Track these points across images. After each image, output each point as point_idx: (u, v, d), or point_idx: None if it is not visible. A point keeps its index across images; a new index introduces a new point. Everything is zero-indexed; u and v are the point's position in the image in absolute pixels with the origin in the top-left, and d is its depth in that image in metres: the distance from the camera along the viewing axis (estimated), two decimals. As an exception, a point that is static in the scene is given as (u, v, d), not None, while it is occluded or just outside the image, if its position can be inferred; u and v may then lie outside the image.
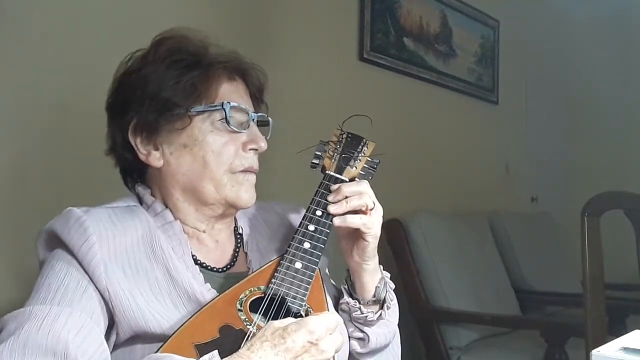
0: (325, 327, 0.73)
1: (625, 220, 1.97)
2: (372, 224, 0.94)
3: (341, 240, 0.99)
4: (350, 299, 1.00)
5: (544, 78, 3.54)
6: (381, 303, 1.00)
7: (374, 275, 0.99)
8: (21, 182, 1.44)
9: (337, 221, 0.93)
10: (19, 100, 1.43)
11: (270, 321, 0.75)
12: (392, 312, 1.03)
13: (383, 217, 0.97)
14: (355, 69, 2.43)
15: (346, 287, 1.02)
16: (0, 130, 1.40)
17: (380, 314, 1.00)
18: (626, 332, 0.84)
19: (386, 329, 1.02)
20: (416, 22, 2.75)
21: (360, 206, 0.94)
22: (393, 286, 1.04)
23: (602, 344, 0.78)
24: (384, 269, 1.04)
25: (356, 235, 0.96)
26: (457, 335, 2.31)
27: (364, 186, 0.95)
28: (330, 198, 0.95)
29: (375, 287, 0.99)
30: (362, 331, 1.00)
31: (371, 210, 0.94)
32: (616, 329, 2.00)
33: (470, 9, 3.09)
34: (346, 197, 0.94)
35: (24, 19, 1.44)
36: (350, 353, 1.02)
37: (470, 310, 2.35)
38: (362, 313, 0.98)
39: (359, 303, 0.99)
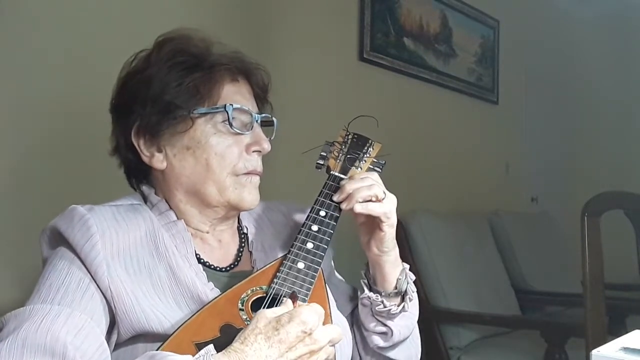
0: (317, 316, 0.73)
1: (625, 220, 1.97)
2: (391, 213, 0.95)
3: (360, 234, 1.00)
4: (371, 293, 1.00)
5: (543, 78, 3.54)
6: (402, 295, 1.01)
7: (395, 267, 1.00)
8: (23, 182, 1.44)
9: (358, 207, 0.93)
10: (20, 101, 1.43)
11: (260, 310, 0.75)
12: (413, 304, 1.03)
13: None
14: (355, 69, 2.43)
15: (365, 281, 1.02)
16: (2, 130, 1.40)
17: (403, 306, 1.00)
18: (626, 332, 0.84)
19: (408, 321, 1.02)
20: (416, 22, 2.75)
21: (370, 197, 0.93)
22: (413, 277, 1.04)
23: (602, 344, 0.78)
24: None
25: (373, 226, 0.96)
26: (457, 335, 2.31)
27: (374, 177, 0.96)
28: (336, 196, 0.95)
29: (397, 279, 1.00)
30: (385, 325, 1.00)
31: (383, 199, 0.94)
32: (616, 329, 2.00)
33: (470, 9, 3.09)
34: (357, 188, 0.94)
35: (25, 20, 1.44)
36: (371, 348, 1.02)
37: (470, 310, 2.35)
38: (385, 306, 0.98)
39: (381, 296, 0.99)
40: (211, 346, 0.73)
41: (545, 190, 3.48)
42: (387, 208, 0.94)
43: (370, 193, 0.93)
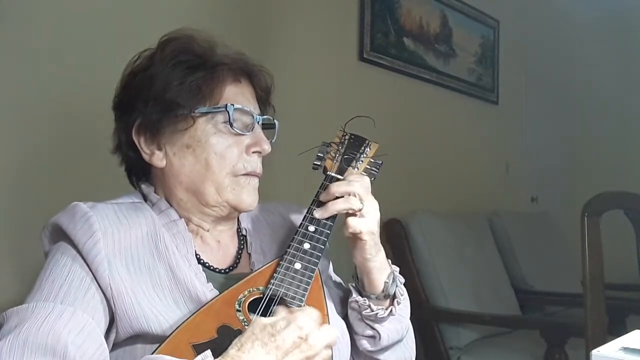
0: (313, 320, 0.73)
1: (625, 220, 1.97)
2: (360, 226, 0.93)
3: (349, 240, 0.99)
4: (359, 297, 0.99)
5: (543, 78, 3.54)
6: (391, 298, 0.99)
7: (382, 271, 0.98)
8: (23, 181, 1.44)
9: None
10: (20, 100, 1.43)
11: (256, 317, 0.75)
12: (404, 307, 1.02)
13: (383, 217, 0.97)
14: (355, 69, 2.43)
15: (354, 285, 1.01)
16: (2, 130, 1.40)
17: (391, 310, 0.98)
18: (626, 332, 0.84)
19: (398, 324, 1.01)
20: (416, 22, 2.75)
21: (346, 210, 0.93)
22: (403, 280, 1.03)
23: (602, 344, 0.78)
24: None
25: (353, 235, 0.95)
26: (457, 335, 2.31)
27: (354, 186, 0.94)
28: (321, 197, 0.95)
29: (384, 283, 0.98)
30: (373, 328, 0.99)
31: (360, 210, 0.93)
32: (616, 329, 2.00)
33: (470, 9, 3.09)
34: (335, 198, 0.93)
35: (25, 20, 1.44)
36: (361, 351, 1.02)
37: (470, 310, 2.35)
38: (372, 310, 0.97)
39: (369, 300, 0.98)
40: (208, 351, 0.73)
41: (545, 190, 3.48)
42: (362, 222, 0.93)
43: (344, 207, 0.92)
